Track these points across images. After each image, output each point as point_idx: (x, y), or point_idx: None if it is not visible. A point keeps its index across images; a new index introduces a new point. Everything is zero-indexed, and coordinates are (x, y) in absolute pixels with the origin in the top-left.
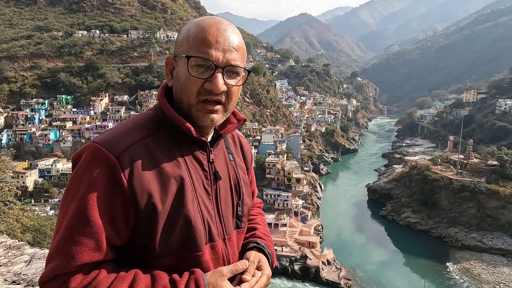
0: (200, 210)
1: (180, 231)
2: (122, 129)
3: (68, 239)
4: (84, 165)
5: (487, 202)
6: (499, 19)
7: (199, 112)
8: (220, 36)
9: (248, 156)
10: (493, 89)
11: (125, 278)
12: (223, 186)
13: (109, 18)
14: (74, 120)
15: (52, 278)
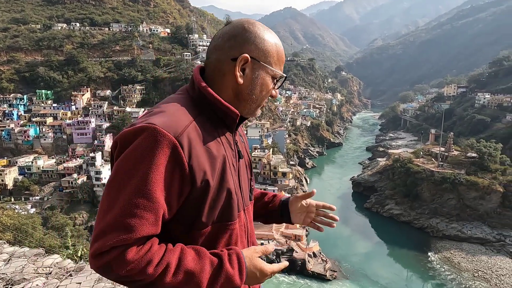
0: (234, 184)
1: (223, 203)
2: (172, 112)
3: (128, 213)
4: (145, 145)
5: (467, 193)
6: (478, 15)
7: (260, 109)
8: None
9: (245, 138)
10: (473, 83)
11: (175, 251)
12: (242, 164)
13: (89, 11)
14: (54, 115)
15: (109, 249)
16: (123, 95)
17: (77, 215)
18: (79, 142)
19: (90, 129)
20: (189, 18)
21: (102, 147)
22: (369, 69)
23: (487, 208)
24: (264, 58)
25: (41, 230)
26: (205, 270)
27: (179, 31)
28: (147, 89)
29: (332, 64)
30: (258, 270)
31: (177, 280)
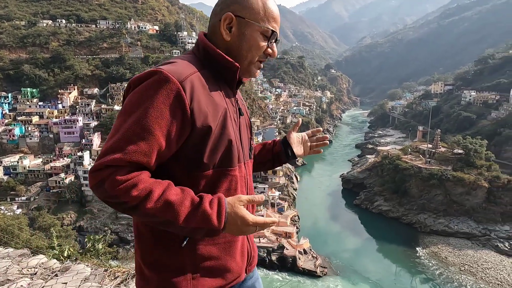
0: (234, 135)
1: (224, 149)
2: (179, 63)
3: (127, 139)
4: (151, 85)
5: (453, 189)
6: (464, 13)
7: (255, 67)
8: (279, 15)
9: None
10: (459, 81)
11: (161, 183)
12: (243, 122)
13: (76, 7)
14: (40, 114)
15: (104, 168)
16: (111, 93)
17: (65, 215)
18: (66, 141)
19: (78, 128)
20: (178, 15)
21: (90, 146)
22: (358, 67)
23: (473, 203)
24: (249, 15)
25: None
26: (184, 204)
27: (168, 29)
28: None
29: (321, 62)
30: (239, 218)
31: (156, 208)
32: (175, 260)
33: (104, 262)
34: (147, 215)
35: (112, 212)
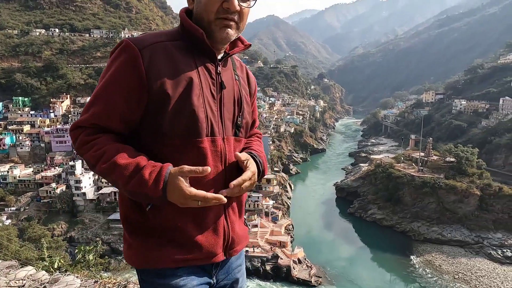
0: (204, 106)
1: (185, 117)
2: (150, 33)
3: (91, 103)
4: (115, 54)
5: (446, 197)
6: (453, 24)
7: (217, 26)
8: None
9: (252, 84)
10: (449, 90)
11: (116, 147)
12: (227, 96)
13: (69, 16)
14: (32, 123)
15: (75, 128)
16: None
17: (55, 226)
18: (58, 151)
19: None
20: (171, 24)
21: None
22: (351, 76)
23: (466, 211)
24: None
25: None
26: (127, 168)
27: None
28: None
29: (314, 71)
30: (177, 189)
31: (105, 168)
32: (143, 223)
33: (95, 274)
34: (100, 174)
35: (103, 223)
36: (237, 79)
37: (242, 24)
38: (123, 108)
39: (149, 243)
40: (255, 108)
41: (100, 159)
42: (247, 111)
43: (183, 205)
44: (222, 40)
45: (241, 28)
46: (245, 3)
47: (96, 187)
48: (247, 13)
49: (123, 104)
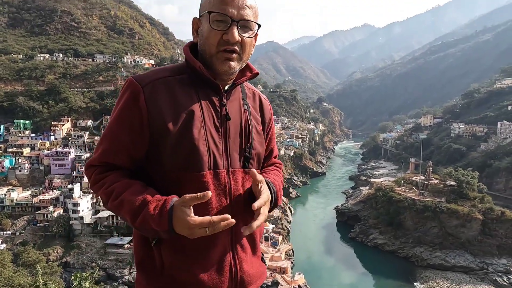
0: (206, 139)
1: (185, 151)
2: (154, 70)
3: (100, 142)
4: (121, 92)
5: (448, 221)
6: (448, 50)
7: (218, 60)
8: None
9: (266, 113)
10: (447, 114)
11: (124, 183)
12: (233, 127)
13: (73, 42)
14: (32, 146)
15: (88, 167)
16: (104, 125)
17: (51, 251)
18: (57, 173)
19: (69, 159)
20: (173, 50)
21: (81, 178)
22: (349, 100)
23: (469, 236)
24: (201, 10)
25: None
26: (134, 203)
27: (163, 62)
28: None
29: (313, 95)
30: (180, 220)
31: (115, 205)
32: (148, 259)
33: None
34: (112, 211)
35: (100, 247)
36: (246, 108)
37: (245, 55)
38: (128, 144)
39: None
40: (272, 137)
41: (110, 196)
42: (257, 141)
43: (192, 236)
44: (225, 72)
45: (244, 59)
46: (246, 33)
47: (94, 211)
48: (250, 43)
49: (127, 140)
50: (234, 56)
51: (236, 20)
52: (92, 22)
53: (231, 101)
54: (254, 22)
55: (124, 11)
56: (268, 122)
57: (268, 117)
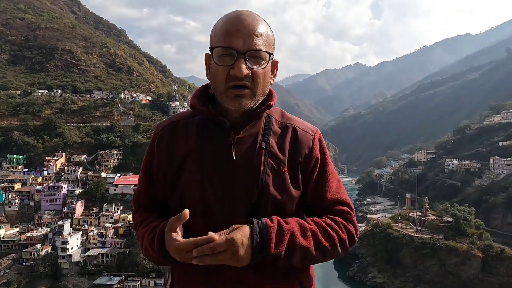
0: (202, 184)
1: (177, 196)
2: (179, 113)
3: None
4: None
5: (448, 259)
6: (438, 88)
7: (228, 97)
8: (240, 25)
9: (301, 150)
10: (440, 149)
11: (142, 219)
12: (242, 169)
13: (72, 78)
14: (24, 181)
15: (132, 211)
16: (99, 160)
17: None
18: (48, 209)
19: (61, 195)
20: (170, 87)
21: (72, 215)
22: (343, 135)
23: (469, 274)
24: (210, 46)
25: None
26: (144, 236)
27: (160, 99)
28: (125, 154)
29: None
30: (168, 244)
31: (139, 241)
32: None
33: None
34: (141, 247)
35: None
36: (264, 146)
37: (259, 88)
38: (147, 185)
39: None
40: (320, 180)
41: (137, 234)
42: (275, 186)
43: (184, 261)
44: (237, 110)
45: (258, 93)
46: (256, 65)
47: (84, 249)
48: (262, 75)
49: (147, 182)
50: (245, 92)
51: (242, 52)
52: (91, 60)
53: (243, 139)
54: (265, 51)
55: (124, 49)
56: (304, 161)
57: (306, 155)
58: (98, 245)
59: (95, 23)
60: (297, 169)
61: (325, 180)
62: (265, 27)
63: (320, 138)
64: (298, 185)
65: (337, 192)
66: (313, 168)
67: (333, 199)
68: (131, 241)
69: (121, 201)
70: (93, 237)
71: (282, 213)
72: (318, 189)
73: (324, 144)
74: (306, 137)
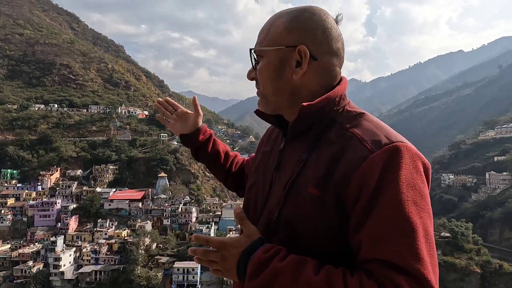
0: (256, 188)
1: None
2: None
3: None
4: None
5: (447, 275)
6: (432, 104)
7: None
8: (264, 28)
9: (343, 168)
10: (436, 164)
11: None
12: (280, 181)
13: (69, 93)
14: (17, 196)
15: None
16: (94, 174)
17: None
18: (41, 225)
19: (55, 210)
20: None
21: (65, 230)
22: None
23: None
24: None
25: None
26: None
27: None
28: (121, 169)
29: None
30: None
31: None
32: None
33: None
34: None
35: None
36: (303, 158)
37: (265, 90)
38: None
39: None
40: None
41: None
42: (298, 207)
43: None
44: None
45: (265, 94)
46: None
47: (76, 265)
48: (261, 74)
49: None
50: (259, 95)
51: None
52: (89, 75)
53: (292, 147)
54: (258, 49)
55: (122, 64)
56: (344, 185)
57: (348, 176)
58: (92, 261)
59: (94, 38)
60: (333, 193)
61: (369, 219)
62: (272, 22)
63: (391, 157)
64: (332, 216)
65: (390, 244)
66: (356, 197)
67: (374, 253)
68: (125, 257)
69: (115, 217)
70: (86, 253)
71: (300, 244)
72: (356, 229)
73: (398, 168)
74: (359, 152)
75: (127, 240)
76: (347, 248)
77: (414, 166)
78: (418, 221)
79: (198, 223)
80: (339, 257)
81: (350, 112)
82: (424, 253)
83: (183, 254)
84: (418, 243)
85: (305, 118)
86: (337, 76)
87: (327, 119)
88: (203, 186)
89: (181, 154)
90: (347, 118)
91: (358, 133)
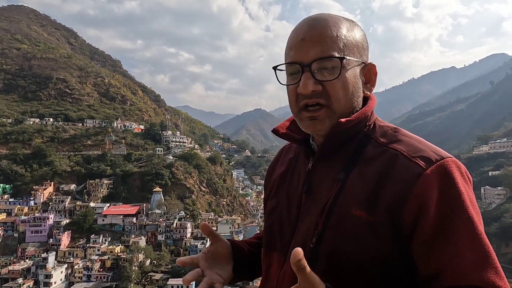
0: (279, 213)
1: (264, 227)
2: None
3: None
4: None
5: None
6: (426, 119)
7: (302, 121)
8: (306, 33)
9: (392, 187)
10: None
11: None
12: (313, 204)
13: (65, 107)
14: (9, 211)
15: None
16: (88, 189)
17: None
18: (32, 241)
19: (47, 226)
20: (164, 116)
21: (57, 246)
22: None
23: None
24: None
25: None
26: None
27: (153, 128)
28: (115, 184)
29: None
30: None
31: None
32: None
33: None
34: None
35: None
36: (340, 178)
37: (337, 103)
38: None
39: None
40: (438, 245)
41: None
42: (337, 231)
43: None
44: (314, 134)
45: (337, 109)
46: (330, 75)
47: (68, 283)
48: (341, 87)
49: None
50: (319, 113)
51: (307, 64)
52: (85, 89)
53: (323, 166)
54: (336, 56)
55: (118, 79)
56: (398, 206)
57: (401, 196)
58: (84, 278)
59: (91, 53)
60: (385, 215)
61: (442, 244)
62: (340, 27)
63: (446, 174)
64: (386, 239)
65: (481, 270)
66: (416, 220)
67: (468, 280)
68: (118, 274)
69: (109, 232)
70: (78, 270)
71: (350, 272)
72: (427, 257)
73: (457, 185)
74: (409, 170)
75: (120, 256)
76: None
77: (466, 181)
78: (488, 241)
79: (193, 238)
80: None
81: (383, 127)
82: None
83: (177, 271)
84: (497, 263)
85: (340, 135)
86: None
87: (361, 135)
88: (199, 200)
89: (177, 169)
90: (381, 133)
91: (402, 150)
